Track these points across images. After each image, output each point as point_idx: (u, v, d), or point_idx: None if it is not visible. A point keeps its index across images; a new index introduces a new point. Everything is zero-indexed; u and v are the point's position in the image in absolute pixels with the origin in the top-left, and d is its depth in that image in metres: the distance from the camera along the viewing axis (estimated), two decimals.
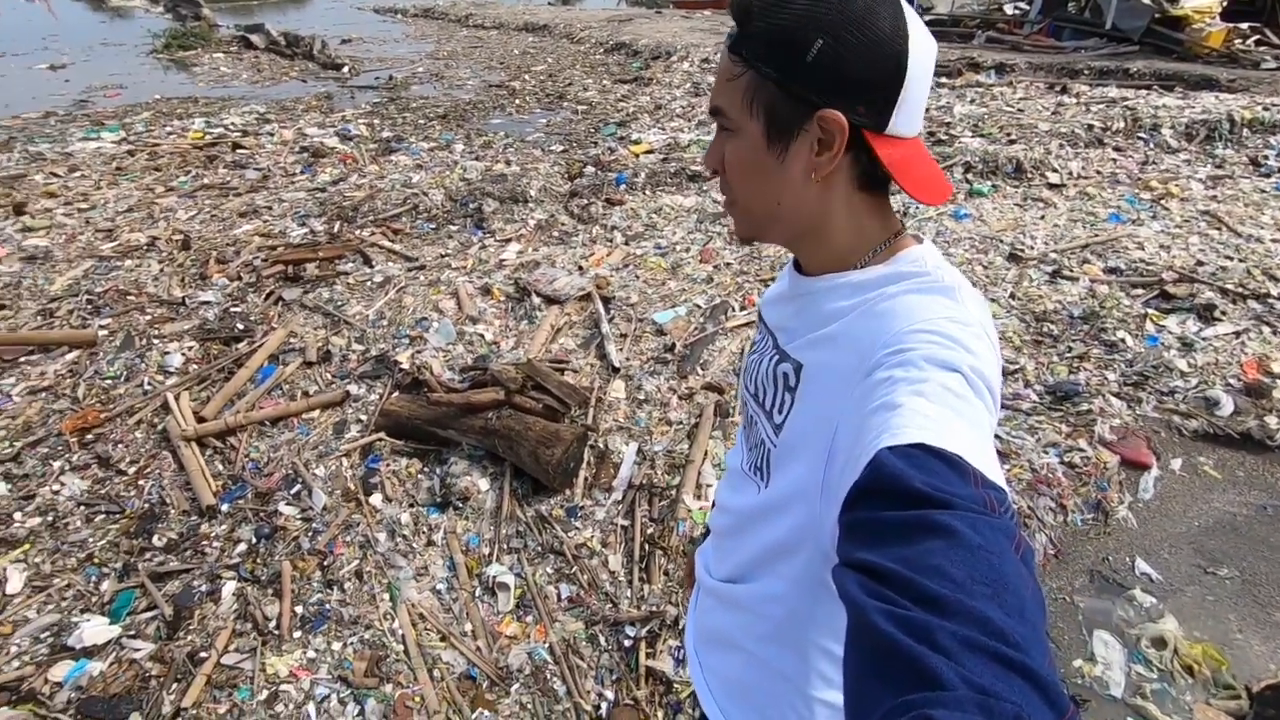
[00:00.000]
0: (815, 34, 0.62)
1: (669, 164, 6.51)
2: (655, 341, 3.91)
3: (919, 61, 0.65)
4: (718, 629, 0.94)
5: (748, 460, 0.89)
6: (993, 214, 5.25)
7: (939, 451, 0.51)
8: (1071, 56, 9.84)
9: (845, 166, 0.69)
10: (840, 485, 0.56)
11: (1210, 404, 3.27)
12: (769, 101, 0.67)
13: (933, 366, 0.58)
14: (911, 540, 0.46)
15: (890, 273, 0.71)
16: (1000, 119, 7.05)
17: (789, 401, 0.76)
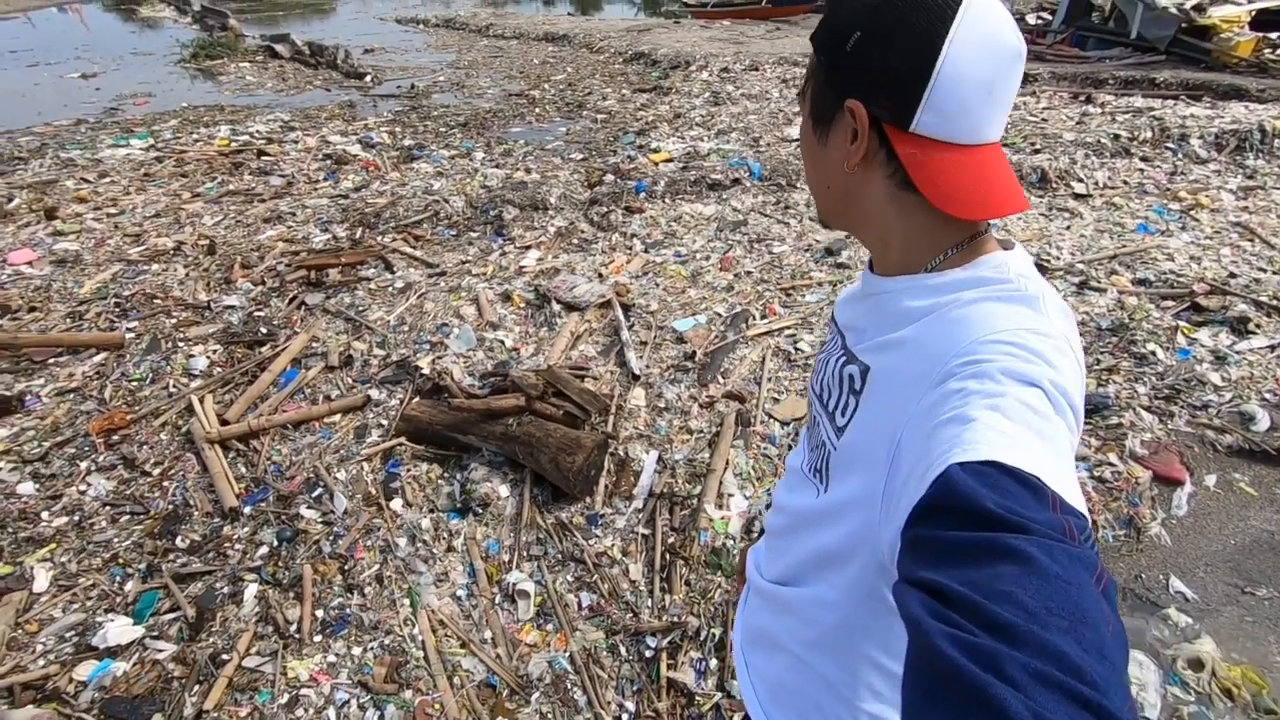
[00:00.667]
0: (856, 26, 0.66)
1: (689, 172, 6.51)
2: (675, 349, 3.89)
3: (963, 64, 0.61)
4: (765, 629, 0.93)
5: (808, 461, 0.87)
6: (1017, 224, 5.19)
7: (1015, 471, 0.48)
8: (1096, 66, 9.74)
9: (883, 162, 0.69)
10: (903, 498, 0.54)
11: (1245, 419, 3.19)
12: (815, 88, 0.74)
13: (1011, 380, 0.55)
14: (981, 563, 0.44)
15: (968, 277, 0.67)
16: (1024, 129, 6.98)
17: (853, 405, 0.74)
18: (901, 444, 0.62)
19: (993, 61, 0.62)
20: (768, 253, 5.00)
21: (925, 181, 0.65)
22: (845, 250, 4.92)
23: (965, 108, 0.63)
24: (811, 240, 5.14)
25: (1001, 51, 0.62)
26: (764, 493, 2.86)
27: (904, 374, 0.67)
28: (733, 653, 1.07)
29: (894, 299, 0.73)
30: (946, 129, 0.64)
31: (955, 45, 0.61)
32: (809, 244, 5.10)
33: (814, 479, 0.83)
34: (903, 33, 0.63)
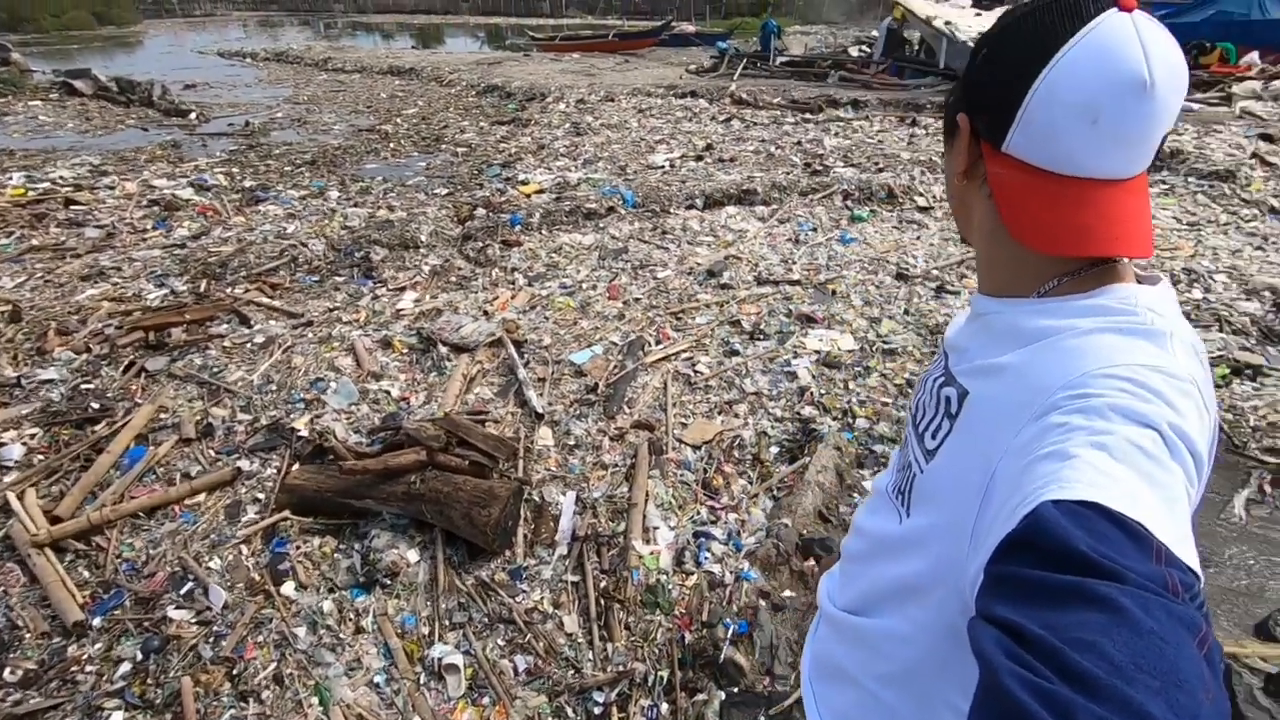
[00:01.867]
0: (985, 43, 0.67)
1: (563, 203, 6.47)
2: (576, 383, 3.79)
3: (1061, 87, 0.58)
4: (835, 660, 0.88)
5: (893, 482, 0.83)
6: (875, 237, 5.61)
7: (1115, 515, 0.45)
8: (914, 94, 10.88)
9: (985, 178, 0.68)
10: (991, 533, 0.52)
11: None
12: (950, 101, 0.74)
13: (1122, 419, 0.52)
14: (1065, 607, 0.41)
15: (1086, 305, 0.63)
16: (866, 150, 7.62)
17: (946, 429, 0.71)
18: (996, 477, 0.58)
19: (1099, 89, 0.57)
20: (652, 279, 5.05)
21: (1001, 201, 0.65)
22: (726, 271, 5.08)
23: (1057, 133, 0.60)
24: (692, 264, 5.26)
25: (1113, 81, 0.57)
26: (688, 521, 2.82)
27: (1004, 402, 0.63)
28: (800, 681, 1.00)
29: (1000, 321, 0.70)
30: (1037, 153, 0.62)
31: (1059, 68, 0.58)
32: (690, 267, 5.21)
33: (896, 501, 0.80)
34: (1012, 50, 0.63)
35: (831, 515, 2.90)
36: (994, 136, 0.64)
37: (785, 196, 6.53)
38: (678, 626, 2.36)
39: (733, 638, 2.29)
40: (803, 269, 5.13)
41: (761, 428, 3.42)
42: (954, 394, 0.71)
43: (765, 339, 4.22)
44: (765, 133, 9.26)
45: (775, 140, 8.66)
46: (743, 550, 2.67)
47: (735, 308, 4.59)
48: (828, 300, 4.68)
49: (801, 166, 7.31)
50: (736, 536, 2.73)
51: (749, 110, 11.05)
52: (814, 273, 5.05)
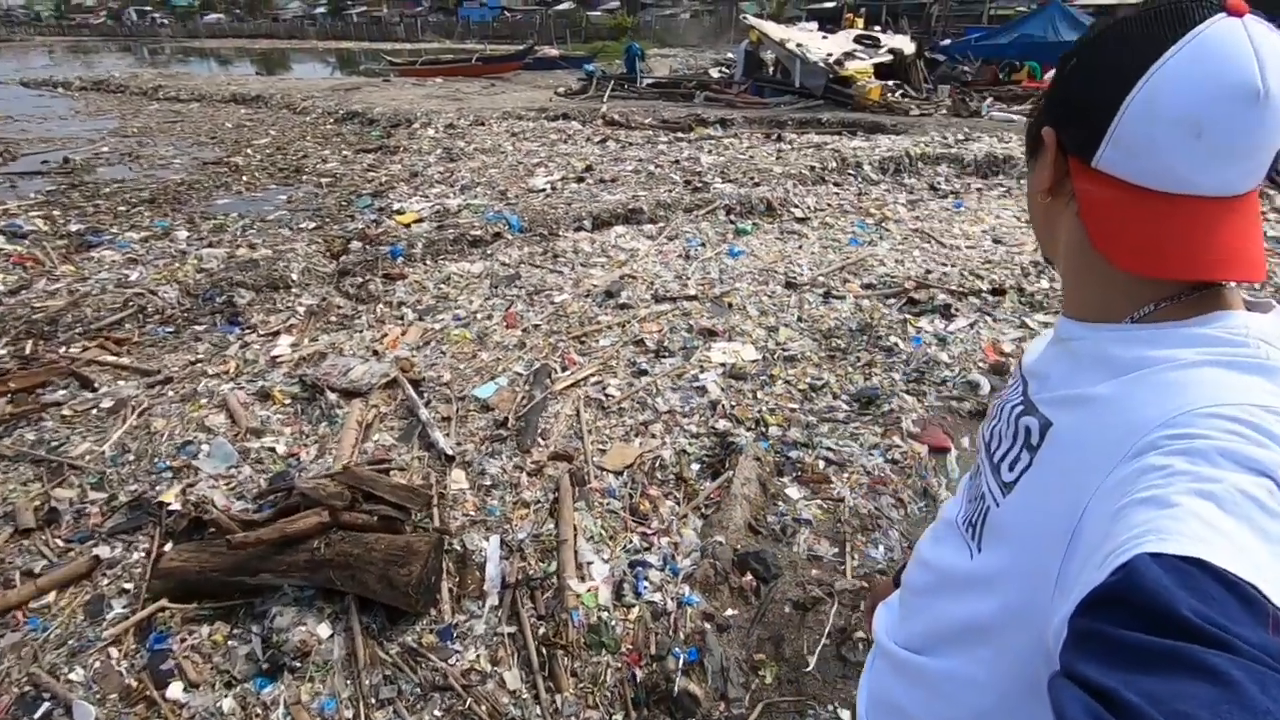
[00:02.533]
0: (1076, 53, 0.62)
1: (445, 231, 6.22)
2: (483, 419, 3.61)
3: (1161, 98, 0.53)
4: (894, 700, 0.82)
5: (964, 513, 0.77)
6: (761, 249, 5.82)
7: (1224, 575, 0.40)
8: (775, 111, 11.51)
9: (1073, 196, 0.63)
10: (1079, 581, 0.47)
11: (973, 386, 3.88)
12: (1035, 113, 0.68)
13: (1232, 465, 0.46)
14: (1165, 675, 0.37)
15: (1190, 334, 0.58)
16: (740, 165, 7.93)
17: (1026, 461, 0.65)
18: (1085, 519, 0.54)
19: (1205, 100, 0.52)
20: (550, 303, 4.94)
21: (1093, 221, 0.60)
22: (624, 291, 5.06)
23: (1157, 148, 0.55)
24: (589, 286, 5.21)
25: (1221, 90, 0.52)
26: (621, 551, 2.74)
27: (1094, 437, 0.58)
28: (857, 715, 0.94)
29: (1088, 347, 0.65)
30: (1132, 168, 0.57)
31: (1158, 77, 0.54)
32: (587, 290, 5.15)
33: (966, 534, 0.74)
34: (1106, 59, 0.58)
35: (761, 526, 2.92)
36: (1084, 151, 0.59)
37: (671, 214, 6.64)
38: (627, 664, 2.26)
39: (684, 667, 2.23)
40: (697, 284, 5.22)
41: (680, 446, 3.40)
42: (1035, 424, 0.66)
43: (671, 356, 4.23)
44: (641, 152, 9.42)
45: (653, 159, 8.83)
46: (680, 574, 2.61)
47: (637, 327, 4.58)
48: (725, 313, 4.78)
49: (682, 184, 7.49)
50: (672, 561, 2.68)
51: (622, 131, 11.22)
52: (709, 287, 5.15)
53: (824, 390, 3.89)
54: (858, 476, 3.19)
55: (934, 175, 7.74)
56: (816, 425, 3.57)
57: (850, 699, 2.20)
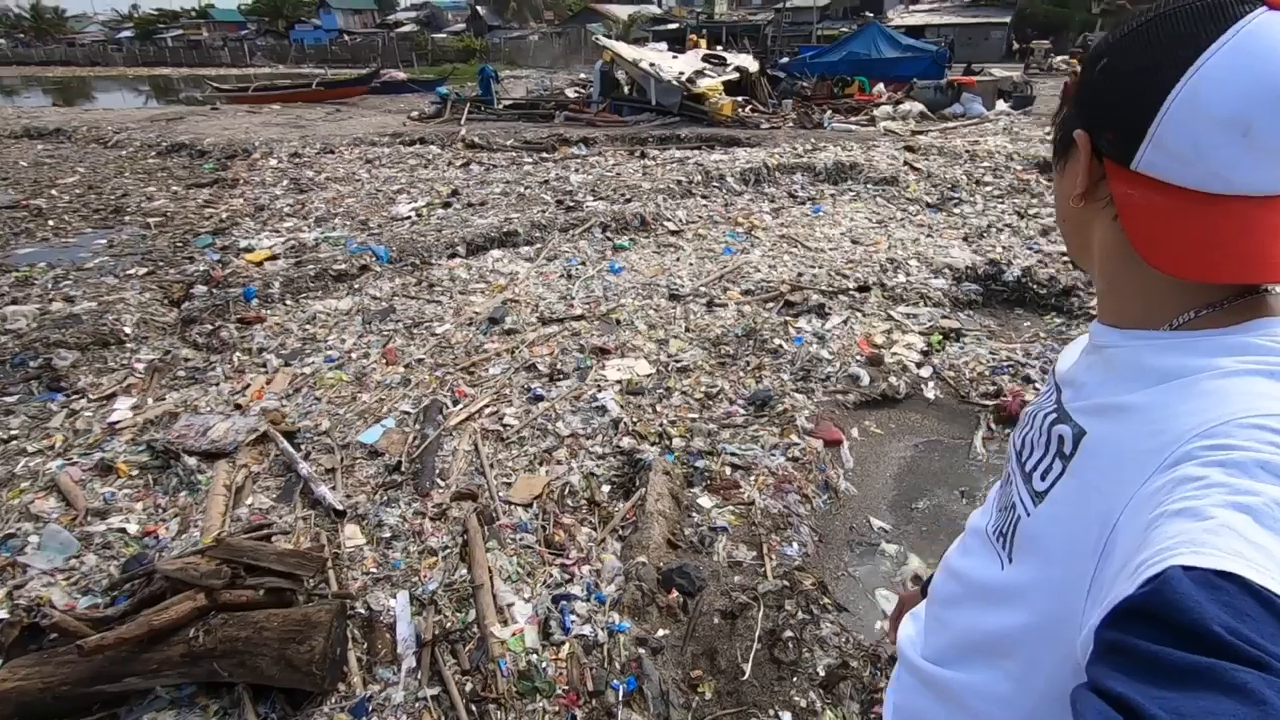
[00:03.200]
0: (1106, 51, 0.59)
1: (305, 267, 5.77)
2: (373, 466, 3.35)
3: (1204, 97, 0.51)
4: (920, 715, 0.80)
5: (994, 523, 0.74)
6: (641, 264, 5.89)
7: (1260, 591, 0.39)
8: (636, 129, 11.76)
9: (1110, 199, 0.61)
10: (1111, 592, 0.46)
11: (854, 379, 4.11)
12: (1063, 116, 0.66)
13: (1271, 478, 0.45)
14: (1193, 690, 0.36)
15: (1231, 342, 0.56)
16: (610, 183, 8.01)
17: (1058, 470, 0.63)
18: (1118, 530, 0.52)
19: (1253, 98, 0.50)
20: (431, 335, 4.71)
21: (1133, 226, 0.57)
22: (509, 316, 4.92)
23: (1202, 149, 0.52)
24: (471, 314, 5.01)
25: (1270, 87, 0.50)
26: (542, 587, 2.62)
27: (1129, 447, 0.56)
28: None
29: (1126, 356, 0.63)
30: (1176, 171, 0.54)
31: (1200, 75, 0.51)
32: (469, 318, 4.96)
33: (997, 544, 0.72)
34: (1141, 59, 0.55)
35: (679, 540, 2.91)
36: (1121, 154, 0.57)
37: (547, 234, 6.57)
38: (565, 706, 2.15)
39: (624, 698, 2.16)
40: (583, 303, 5.18)
41: (587, 469, 3.33)
42: (1068, 433, 0.64)
43: (565, 378, 4.15)
44: (508, 174, 9.28)
45: (520, 180, 8.72)
46: (607, 601, 2.54)
47: (527, 352, 4.46)
48: (615, 330, 4.77)
49: (555, 204, 7.44)
50: (597, 589, 2.60)
51: (485, 153, 11.01)
52: (595, 305, 5.12)
53: (720, 397, 3.96)
54: (764, 478, 3.27)
55: (791, 183, 8.22)
56: (718, 432, 3.62)
57: (789, 700, 2.22)
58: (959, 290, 5.28)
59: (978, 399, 3.99)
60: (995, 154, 9.20)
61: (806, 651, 2.36)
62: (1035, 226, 6.68)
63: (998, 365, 4.25)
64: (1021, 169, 8.65)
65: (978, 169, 8.63)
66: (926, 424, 3.87)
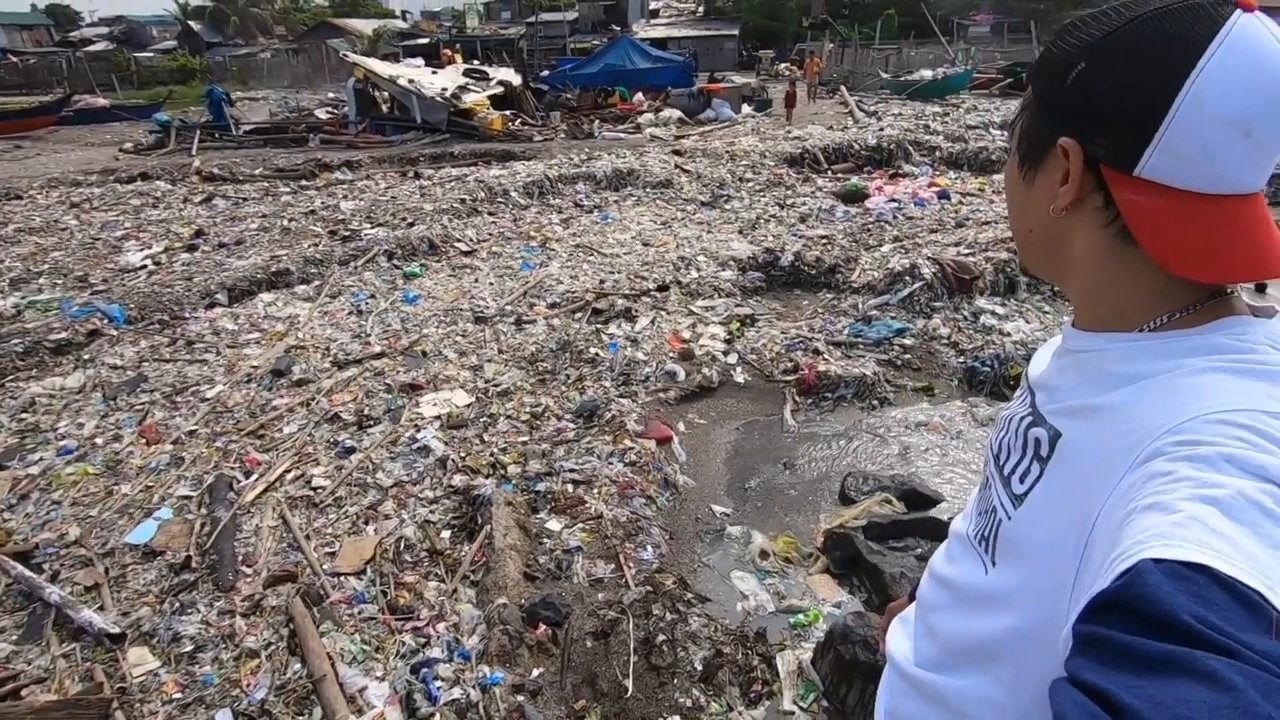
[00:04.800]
0: (1080, 58, 0.58)
1: (6, 343, 4.64)
2: (152, 569, 2.79)
3: (1211, 99, 0.52)
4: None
5: (975, 527, 0.74)
6: (437, 289, 5.59)
7: (1227, 581, 0.40)
8: (403, 148, 11.18)
9: (1098, 209, 0.60)
10: (1088, 590, 0.48)
11: (671, 376, 4.28)
12: (1027, 123, 0.65)
13: (1237, 470, 0.46)
14: (1166, 679, 0.37)
15: (1198, 343, 0.57)
16: (387, 207, 7.50)
17: (1036, 473, 0.64)
18: (1096, 530, 0.54)
19: (1255, 99, 0.52)
20: (201, 401, 4.04)
21: (1148, 234, 0.56)
22: (296, 366, 4.39)
23: (1210, 151, 0.53)
24: (248, 369, 4.39)
25: (1270, 88, 0.51)
26: (396, 659, 2.36)
27: (1103, 447, 0.57)
28: None
29: (1099, 359, 0.63)
30: (1182, 175, 0.54)
31: (1204, 77, 0.52)
32: (247, 374, 4.34)
33: (979, 548, 0.72)
34: (1137, 63, 0.54)
35: (536, 571, 2.80)
36: (1122, 161, 0.56)
37: (325, 270, 5.97)
38: None
39: None
40: (380, 339, 4.79)
41: (421, 517, 3.09)
42: (1044, 435, 0.65)
43: (376, 423, 3.80)
44: (263, 207, 8.28)
45: (280, 213, 7.83)
46: (472, 656, 2.36)
47: (325, 401, 4.01)
48: (422, 363, 4.47)
49: (327, 235, 6.78)
50: (458, 645, 2.40)
51: (229, 186, 9.73)
52: (395, 340, 4.76)
53: (547, 415, 3.89)
54: (606, 488, 3.26)
55: (575, 193, 8.35)
56: (552, 451, 3.56)
57: (674, 703, 2.23)
58: (745, 279, 5.74)
59: (780, 376, 4.35)
60: (750, 153, 10.16)
61: (681, 651, 2.39)
62: (794, 215, 7.49)
63: (790, 343, 4.68)
64: (774, 165, 9.66)
65: (739, 167, 9.48)
66: (742, 407, 4.14)
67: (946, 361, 4.49)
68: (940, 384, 4.31)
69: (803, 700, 2.28)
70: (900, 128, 11.81)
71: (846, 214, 7.46)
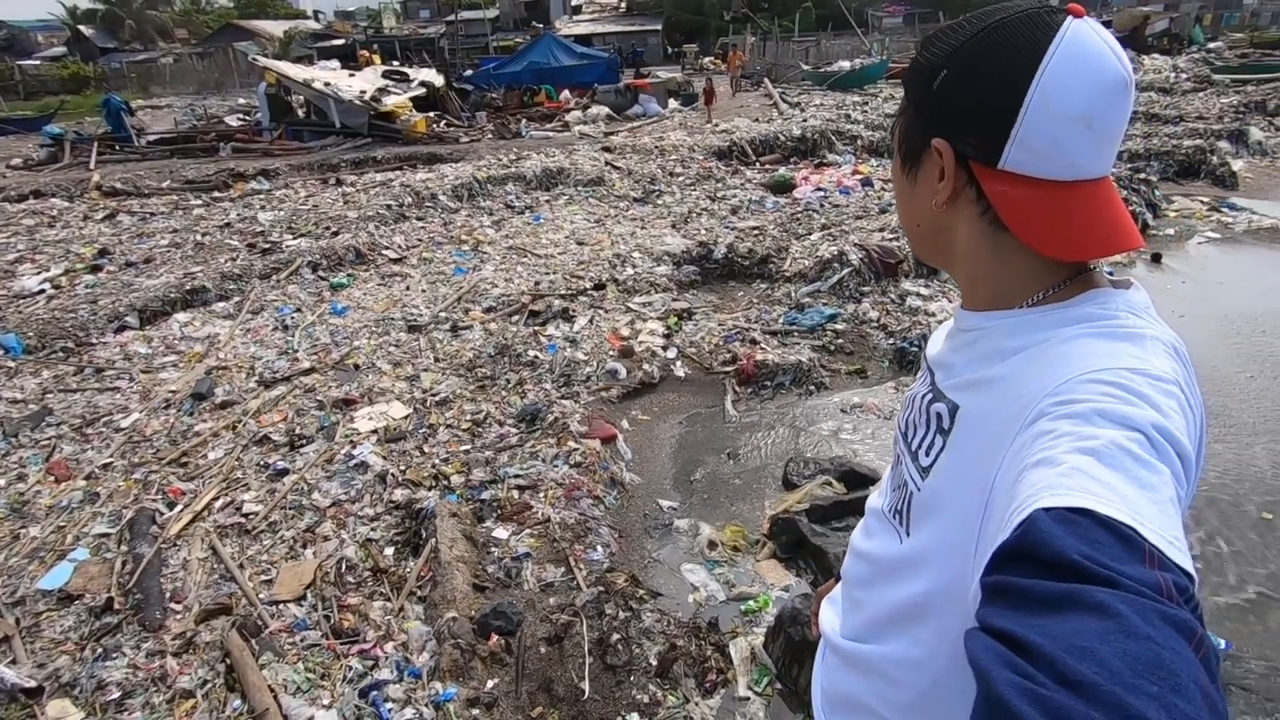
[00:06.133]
0: (943, 64, 0.64)
1: None
2: (70, 615, 2.62)
3: (1055, 98, 0.58)
4: (847, 692, 0.84)
5: (889, 502, 0.80)
6: (367, 299, 5.41)
7: (1106, 520, 0.45)
8: (323, 155, 10.77)
9: (973, 200, 0.66)
10: (991, 544, 0.51)
11: (612, 374, 4.28)
12: (904, 127, 0.72)
13: (1108, 423, 0.52)
14: (1061, 614, 0.41)
15: (1068, 314, 0.64)
16: (308, 216, 7.22)
17: (940, 445, 0.69)
18: (995, 489, 0.58)
19: (1091, 95, 0.58)
20: (115, 432, 3.80)
21: (1016, 221, 0.62)
22: (218, 388, 4.18)
23: (1059, 144, 0.59)
24: (165, 394, 4.16)
25: (1102, 84, 0.58)
26: (343, 685, 2.29)
27: (996, 415, 0.63)
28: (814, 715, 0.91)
29: (986, 336, 0.69)
30: (1039, 166, 0.61)
31: (1047, 79, 0.58)
32: (165, 399, 4.11)
33: (894, 521, 0.77)
34: (990, 69, 0.61)
35: (485, 581, 2.76)
36: (987, 156, 0.62)
37: (245, 285, 5.70)
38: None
39: None
40: (308, 354, 4.61)
41: (362, 536, 2.99)
42: (945, 409, 0.70)
43: (309, 442, 3.66)
44: (173, 221, 7.84)
45: (193, 227, 7.42)
46: (423, 674, 2.31)
47: (253, 423, 3.84)
48: (355, 376, 4.33)
49: (245, 249, 6.47)
50: (408, 664, 2.34)
51: (134, 200, 9.17)
52: (324, 354, 4.59)
53: (488, 422, 3.83)
54: (552, 491, 3.24)
55: (505, 194, 8.23)
56: (495, 458, 3.50)
57: (632, 700, 2.24)
58: (680, 274, 5.79)
59: (720, 368, 4.41)
60: (680, 147, 10.23)
61: (636, 648, 2.40)
62: (726, 207, 7.59)
63: (728, 334, 4.75)
64: (703, 158, 9.76)
65: (669, 162, 9.53)
66: (683, 400, 4.18)
67: (877, 344, 4.64)
68: (872, 366, 4.46)
69: (757, 684, 2.33)
70: (823, 118, 12.13)
71: (776, 204, 7.61)
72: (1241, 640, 2.46)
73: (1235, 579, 2.73)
